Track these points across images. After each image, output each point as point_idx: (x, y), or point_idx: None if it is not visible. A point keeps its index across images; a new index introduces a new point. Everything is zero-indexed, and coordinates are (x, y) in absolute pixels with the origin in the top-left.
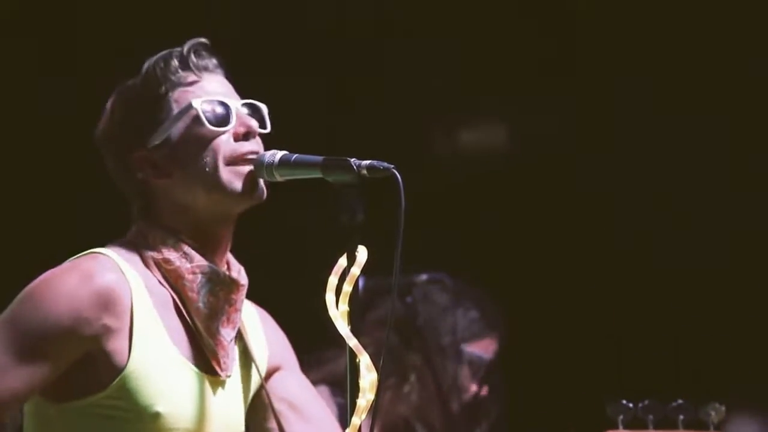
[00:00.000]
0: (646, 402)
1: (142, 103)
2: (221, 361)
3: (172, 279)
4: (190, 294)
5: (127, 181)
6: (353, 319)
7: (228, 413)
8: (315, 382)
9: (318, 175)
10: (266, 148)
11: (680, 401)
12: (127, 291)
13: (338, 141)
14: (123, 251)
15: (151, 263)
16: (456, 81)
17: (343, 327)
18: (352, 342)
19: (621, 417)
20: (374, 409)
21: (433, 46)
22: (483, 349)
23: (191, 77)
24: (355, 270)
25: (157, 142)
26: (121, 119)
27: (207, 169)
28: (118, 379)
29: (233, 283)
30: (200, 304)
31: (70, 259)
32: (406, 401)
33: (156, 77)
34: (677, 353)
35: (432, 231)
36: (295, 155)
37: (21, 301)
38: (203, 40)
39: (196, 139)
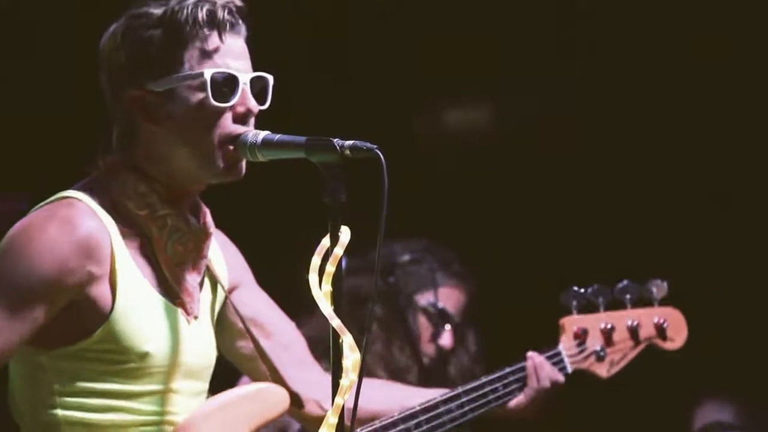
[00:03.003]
0: (595, 286)
1: (157, 45)
2: (187, 305)
3: (142, 224)
4: (158, 241)
5: (116, 107)
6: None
7: (203, 345)
8: None
9: (301, 155)
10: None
11: (625, 282)
12: (107, 237)
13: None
14: (94, 194)
15: (121, 207)
16: (440, 61)
17: (326, 307)
18: (335, 322)
19: (574, 303)
20: (358, 388)
21: (416, 27)
22: (439, 299)
23: (213, 39)
24: (338, 250)
25: (157, 89)
26: (130, 49)
27: (198, 138)
28: (105, 324)
29: (201, 232)
30: (168, 252)
31: (41, 205)
32: (372, 351)
33: (179, 25)
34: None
35: (415, 210)
36: (278, 135)
37: (2, 255)
38: (238, 1)
39: (198, 107)
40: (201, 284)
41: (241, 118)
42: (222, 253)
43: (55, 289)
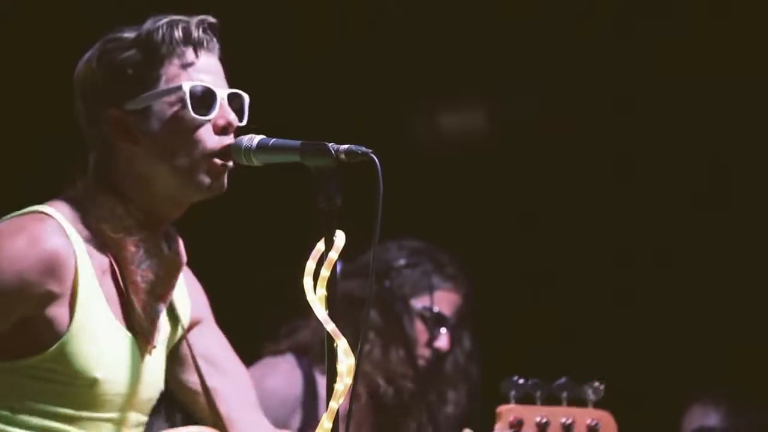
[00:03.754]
0: (535, 379)
1: (133, 65)
2: (148, 336)
3: (115, 248)
4: (130, 267)
5: (92, 131)
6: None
7: (155, 376)
8: (283, 351)
9: (296, 159)
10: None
11: (563, 379)
12: (72, 257)
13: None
14: (68, 211)
15: (94, 228)
16: (435, 63)
17: (320, 311)
18: (330, 326)
19: (512, 393)
20: (352, 394)
21: (411, 29)
22: (434, 302)
23: (189, 55)
24: (333, 255)
25: (135, 108)
26: (106, 71)
27: (179, 153)
28: (58, 344)
29: (174, 262)
30: (138, 278)
31: (13, 215)
32: (369, 358)
33: (155, 44)
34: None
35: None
36: (273, 139)
37: None
38: (211, 18)
39: (178, 122)
40: (165, 316)
41: (221, 132)
42: (187, 289)
43: (12, 301)
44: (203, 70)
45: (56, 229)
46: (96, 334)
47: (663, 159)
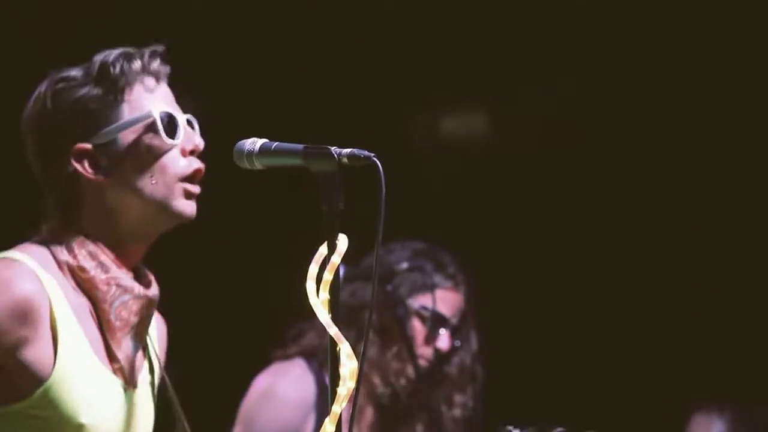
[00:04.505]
0: (531, 428)
1: (95, 99)
2: (125, 373)
3: (86, 288)
4: (102, 305)
5: (52, 173)
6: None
7: (140, 419)
8: (292, 356)
9: (298, 163)
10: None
11: (560, 429)
12: (46, 300)
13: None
14: (38, 254)
15: (65, 269)
16: (437, 69)
17: (323, 315)
18: (333, 330)
19: None
20: (355, 397)
21: (413, 34)
22: (432, 302)
23: (149, 84)
24: (336, 258)
25: (101, 141)
26: (65, 109)
27: (152, 180)
28: (42, 389)
29: (146, 299)
30: (111, 317)
31: None
32: (366, 358)
33: (115, 75)
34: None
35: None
36: (276, 143)
37: None
38: (162, 47)
39: (147, 149)
40: (143, 353)
41: (189, 155)
42: (157, 332)
43: None
44: (162, 98)
45: (26, 274)
46: (80, 377)
47: (665, 161)
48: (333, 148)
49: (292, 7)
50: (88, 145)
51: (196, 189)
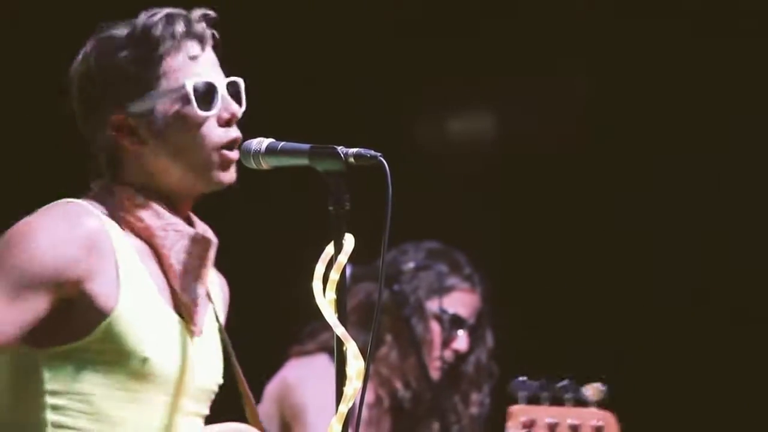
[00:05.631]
0: (542, 380)
1: (133, 66)
2: (194, 318)
3: (144, 236)
4: (163, 251)
5: (95, 134)
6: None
7: (207, 363)
8: (313, 352)
9: (305, 162)
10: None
11: (566, 381)
12: (109, 238)
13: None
14: (94, 204)
15: (122, 219)
16: (443, 68)
17: (330, 315)
18: (339, 330)
19: (522, 393)
20: (362, 395)
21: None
22: (450, 304)
23: (193, 49)
24: (342, 258)
25: (139, 110)
26: (104, 73)
27: (189, 150)
28: (105, 323)
29: (204, 240)
30: (173, 261)
31: (43, 207)
32: (386, 362)
33: (155, 38)
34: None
35: (419, 217)
36: (282, 143)
37: (5, 244)
38: (212, 12)
39: (183, 119)
40: (207, 300)
41: (225, 124)
42: (221, 296)
43: (55, 280)
44: (203, 63)
45: (91, 212)
46: (143, 312)
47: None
48: (339, 148)
49: (298, 6)
50: (126, 114)
51: (234, 155)
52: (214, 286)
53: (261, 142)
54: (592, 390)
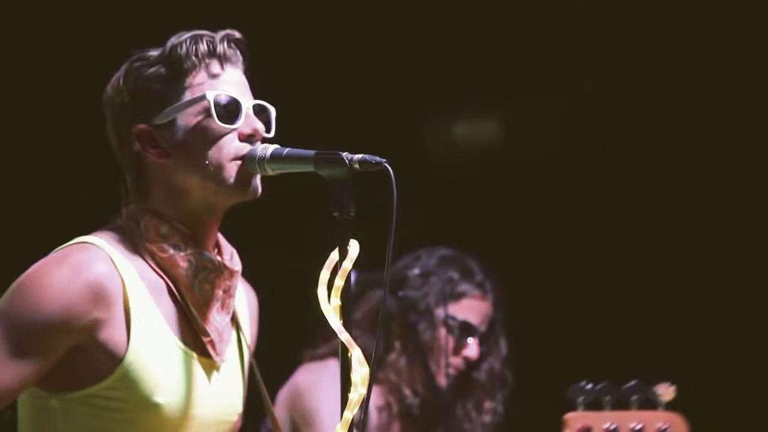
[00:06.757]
0: (604, 383)
1: (159, 80)
2: (216, 347)
3: (167, 267)
4: (185, 282)
5: (123, 152)
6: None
7: (225, 396)
8: (324, 356)
9: (310, 169)
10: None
11: (633, 382)
12: (118, 281)
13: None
14: (114, 239)
15: (144, 251)
16: (449, 74)
17: (335, 321)
18: (344, 336)
19: (580, 399)
20: (366, 403)
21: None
22: (460, 311)
23: (214, 68)
24: (347, 264)
25: (162, 122)
26: (133, 88)
27: (208, 162)
28: (118, 369)
29: (227, 270)
30: (196, 291)
31: (59, 248)
32: (395, 368)
33: (180, 56)
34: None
35: (424, 224)
36: (287, 149)
37: (11, 295)
38: (237, 33)
39: (203, 131)
40: (231, 326)
41: (246, 140)
42: (248, 312)
43: (59, 332)
44: (227, 81)
45: (99, 257)
46: (155, 355)
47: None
48: (344, 154)
49: (306, 11)
50: (150, 126)
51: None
52: (242, 305)
53: (266, 148)
54: (663, 390)
